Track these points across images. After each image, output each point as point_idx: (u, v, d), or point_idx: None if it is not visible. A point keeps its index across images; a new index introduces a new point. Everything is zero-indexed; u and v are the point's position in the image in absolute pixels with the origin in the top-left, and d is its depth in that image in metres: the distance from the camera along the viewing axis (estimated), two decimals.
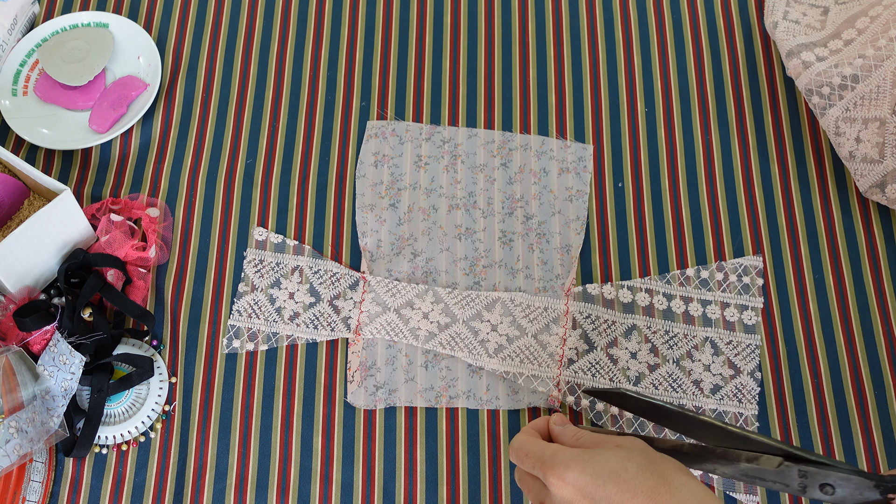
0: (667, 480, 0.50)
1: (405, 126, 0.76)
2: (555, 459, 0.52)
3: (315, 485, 0.64)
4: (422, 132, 0.75)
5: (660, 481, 0.50)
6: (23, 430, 0.59)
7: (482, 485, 0.64)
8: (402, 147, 0.75)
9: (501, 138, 0.75)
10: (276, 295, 0.69)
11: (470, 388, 0.66)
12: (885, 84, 0.68)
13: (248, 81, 0.78)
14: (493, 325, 0.68)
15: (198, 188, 0.74)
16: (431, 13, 0.81)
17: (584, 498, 0.50)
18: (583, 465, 0.51)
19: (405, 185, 0.73)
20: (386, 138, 0.75)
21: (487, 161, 0.74)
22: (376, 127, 0.76)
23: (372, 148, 0.75)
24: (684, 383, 0.66)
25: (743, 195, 0.73)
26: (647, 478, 0.50)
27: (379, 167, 0.74)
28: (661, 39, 0.80)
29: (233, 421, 0.66)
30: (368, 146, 0.75)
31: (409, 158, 0.74)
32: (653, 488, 0.49)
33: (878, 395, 0.67)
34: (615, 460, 0.50)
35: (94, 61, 0.76)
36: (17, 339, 0.64)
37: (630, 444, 0.52)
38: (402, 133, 0.75)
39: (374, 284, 0.69)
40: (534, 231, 0.71)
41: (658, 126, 0.76)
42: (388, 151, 0.75)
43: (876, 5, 0.72)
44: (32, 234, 0.64)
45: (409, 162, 0.74)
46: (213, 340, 0.68)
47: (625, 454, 0.51)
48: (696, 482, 0.51)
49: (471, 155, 0.75)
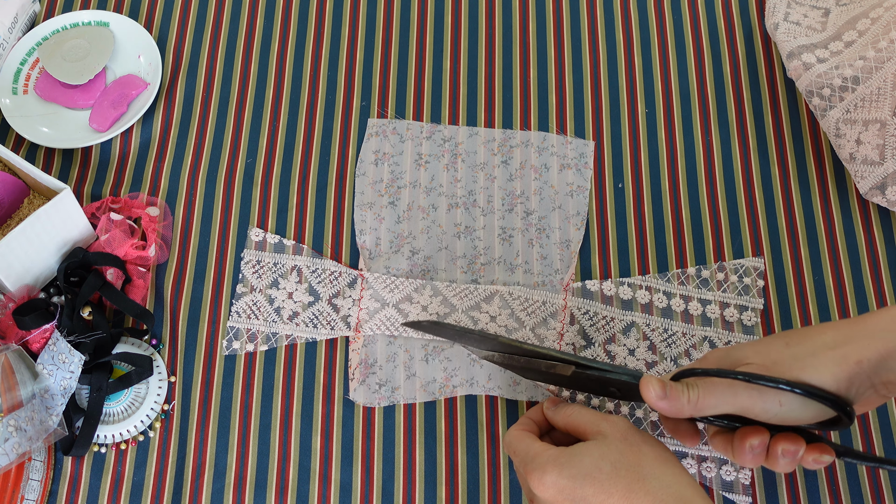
0: (641, 475, 0.51)
1: (406, 124, 0.76)
2: (535, 463, 0.53)
3: (314, 484, 0.64)
4: (422, 130, 0.75)
5: (634, 477, 0.51)
6: (22, 429, 0.59)
7: (481, 485, 0.64)
8: (403, 145, 0.75)
9: (502, 136, 0.75)
10: (274, 295, 0.69)
11: (472, 375, 0.66)
12: (886, 86, 0.68)
13: (248, 81, 0.78)
14: (492, 317, 0.68)
15: (198, 187, 0.74)
16: (432, 13, 0.81)
17: (564, 499, 0.51)
18: (559, 469, 0.52)
19: (405, 184, 0.73)
20: (387, 136, 0.75)
21: (488, 159, 0.74)
22: (377, 125, 0.76)
23: (372, 146, 0.75)
24: None
25: (743, 196, 0.73)
26: (620, 476, 0.51)
27: (379, 165, 0.74)
28: (661, 40, 0.80)
29: (232, 420, 0.66)
30: (369, 144, 0.75)
31: (409, 157, 0.74)
32: (627, 486, 0.50)
33: None
34: (590, 460, 0.52)
35: (95, 60, 0.76)
36: (17, 338, 0.64)
37: (612, 430, 0.53)
38: (403, 131, 0.76)
39: (371, 281, 0.69)
40: (533, 226, 0.71)
41: (658, 127, 0.76)
42: (388, 149, 0.75)
43: (877, 7, 0.72)
44: (32, 232, 0.64)
45: (410, 160, 0.74)
46: (213, 340, 0.68)
47: (600, 452, 0.52)
48: (671, 473, 0.51)
49: (471, 153, 0.75)
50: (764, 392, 0.49)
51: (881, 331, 0.48)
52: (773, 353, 0.50)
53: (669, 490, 0.50)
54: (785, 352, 0.50)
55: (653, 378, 0.52)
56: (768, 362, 0.50)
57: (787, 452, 0.51)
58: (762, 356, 0.51)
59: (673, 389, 0.51)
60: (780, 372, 0.49)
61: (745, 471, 0.64)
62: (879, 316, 0.50)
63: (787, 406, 0.49)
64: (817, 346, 0.50)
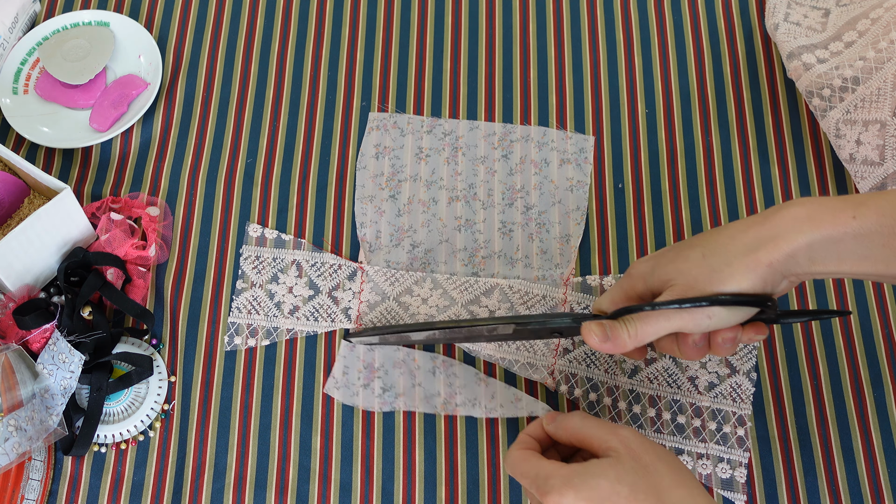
0: (660, 499, 0.51)
1: (407, 118, 0.76)
2: (548, 485, 0.52)
3: (314, 484, 0.64)
4: (423, 124, 0.76)
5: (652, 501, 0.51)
6: (22, 429, 0.59)
7: (481, 485, 0.64)
8: (404, 139, 0.75)
9: (503, 130, 0.75)
10: (274, 290, 0.69)
11: (475, 395, 0.66)
12: (886, 86, 0.68)
13: (248, 81, 0.78)
14: (491, 311, 0.68)
15: (198, 187, 0.74)
16: (432, 13, 0.81)
17: None
18: (576, 493, 0.51)
19: (406, 177, 0.73)
20: (387, 130, 0.75)
21: (488, 153, 0.74)
22: (378, 119, 0.76)
23: (373, 140, 0.75)
24: (679, 379, 0.66)
25: (743, 196, 0.73)
26: (639, 500, 0.51)
27: (380, 159, 0.74)
28: (661, 40, 0.80)
29: (232, 420, 0.66)
30: (370, 138, 0.75)
31: (410, 150, 0.75)
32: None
33: (877, 397, 0.67)
34: (606, 483, 0.51)
35: (95, 60, 0.76)
36: (17, 338, 0.64)
37: (623, 447, 0.53)
38: (404, 125, 0.76)
39: (372, 274, 0.69)
40: (534, 221, 0.72)
41: (658, 126, 0.76)
42: (389, 143, 0.75)
43: (877, 7, 0.72)
44: (32, 232, 0.64)
45: (411, 154, 0.74)
46: (213, 339, 0.68)
47: (615, 474, 0.52)
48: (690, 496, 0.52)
49: (472, 147, 0.75)
50: (693, 311, 0.53)
51: (785, 231, 0.52)
52: (694, 269, 0.54)
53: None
54: (703, 265, 0.53)
55: (592, 324, 0.56)
56: (690, 280, 0.54)
57: (726, 340, 0.55)
58: (684, 275, 0.54)
59: (613, 329, 0.55)
60: (701, 288, 0.53)
61: (741, 468, 0.64)
62: (779, 215, 0.53)
63: (717, 317, 0.53)
64: (730, 254, 0.53)
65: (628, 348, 0.55)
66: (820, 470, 0.64)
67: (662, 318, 0.54)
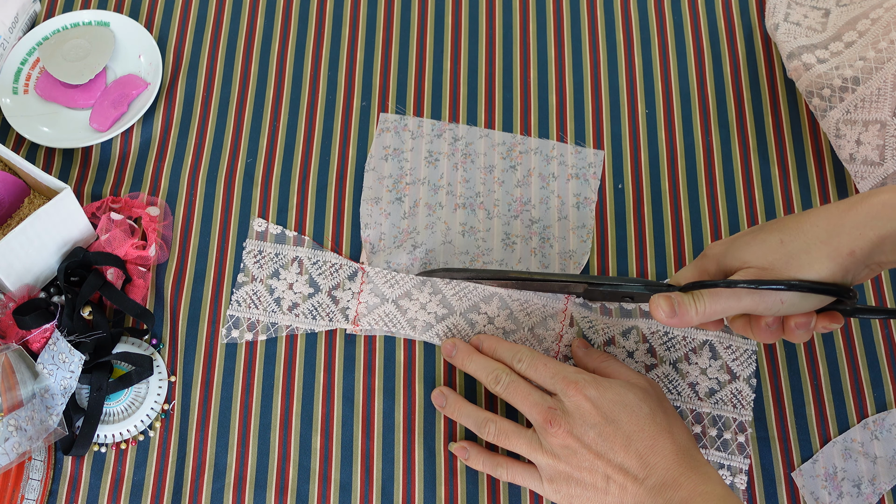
0: (671, 431, 0.57)
1: (418, 122, 0.76)
2: (577, 377, 0.59)
3: (314, 484, 0.64)
4: (434, 128, 0.75)
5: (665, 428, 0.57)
6: (22, 429, 0.59)
7: (481, 485, 0.64)
8: (415, 142, 0.75)
9: (513, 140, 0.75)
10: (275, 285, 0.69)
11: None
12: (886, 86, 0.68)
13: (248, 81, 0.78)
14: (490, 318, 0.68)
15: (198, 187, 0.74)
16: (432, 13, 0.81)
17: (597, 412, 0.57)
18: (602, 390, 0.58)
19: (413, 181, 0.73)
20: (399, 133, 0.75)
21: (497, 163, 0.74)
22: (390, 120, 0.76)
23: (384, 142, 0.75)
24: (680, 385, 0.66)
25: (743, 197, 0.73)
26: (656, 422, 0.57)
27: (390, 161, 0.74)
28: (661, 40, 0.80)
29: (231, 420, 0.66)
30: (381, 140, 0.75)
31: (420, 154, 0.74)
32: (657, 431, 0.57)
33: (877, 397, 0.67)
34: (632, 395, 0.58)
35: (95, 60, 0.76)
36: (17, 338, 0.64)
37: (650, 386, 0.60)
38: (415, 129, 0.75)
39: (372, 276, 0.69)
40: (537, 235, 0.71)
41: (658, 127, 0.76)
42: (399, 146, 0.75)
43: (877, 7, 0.71)
44: (32, 232, 0.64)
45: (420, 158, 0.74)
46: (213, 339, 0.68)
47: (642, 394, 0.59)
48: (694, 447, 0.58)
49: (481, 155, 0.74)
50: (765, 294, 0.52)
51: (871, 219, 0.51)
52: (770, 254, 0.53)
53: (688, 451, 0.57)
54: (780, 250, 0.53)
55: (660, 297, 0.56)
56: (765, 263, 0.53)
57: (799, 325, 0.54)
58: (759, 258, 0.53)
59: (681, 305, 0.55)
60: (777, 272, 0.52)
61: (741, 475, 0.64)
62: (867, 202, 0.52)
63: (789, 302, 0.52)
64: (810, 241, 0.52)
65: (694, 323, 0.55)
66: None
67: (733, 298, 0.53)
